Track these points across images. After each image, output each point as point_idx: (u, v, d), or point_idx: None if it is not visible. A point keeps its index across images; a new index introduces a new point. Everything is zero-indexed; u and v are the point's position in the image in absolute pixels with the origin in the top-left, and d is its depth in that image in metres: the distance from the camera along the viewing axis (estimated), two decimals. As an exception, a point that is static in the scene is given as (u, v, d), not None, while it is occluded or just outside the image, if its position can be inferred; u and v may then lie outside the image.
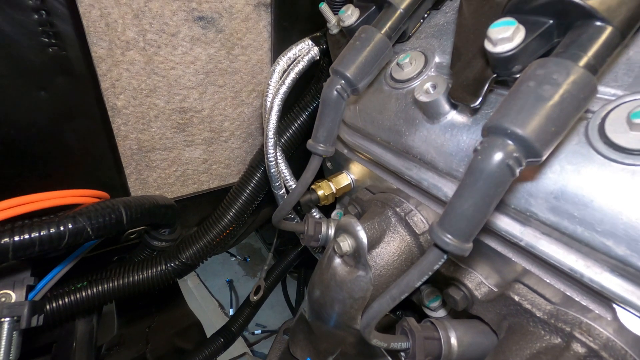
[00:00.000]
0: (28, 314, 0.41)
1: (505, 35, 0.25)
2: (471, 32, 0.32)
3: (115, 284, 0.58)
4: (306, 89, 0.63)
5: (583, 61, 0.22)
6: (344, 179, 0.53)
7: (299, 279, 1.10)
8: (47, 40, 0.43)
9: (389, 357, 0.40)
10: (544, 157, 0.23)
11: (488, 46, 0.27)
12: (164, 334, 0.78)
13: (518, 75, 0.25)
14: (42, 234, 0.39)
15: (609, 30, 0.22)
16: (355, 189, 0.52)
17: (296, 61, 0.56)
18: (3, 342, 0.38)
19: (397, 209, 0.42)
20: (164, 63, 0.53)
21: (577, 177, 0.26)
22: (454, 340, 0.36)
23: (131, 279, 0.59)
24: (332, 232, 0.47)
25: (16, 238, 0.38)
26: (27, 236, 0.38)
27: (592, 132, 0.26)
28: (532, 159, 0.23)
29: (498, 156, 0.22)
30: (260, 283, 0.56)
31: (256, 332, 1.66)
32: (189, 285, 1.83)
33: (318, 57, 0.57)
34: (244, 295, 1.76)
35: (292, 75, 0.56)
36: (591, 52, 0.22)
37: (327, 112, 0.37)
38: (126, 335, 0.78)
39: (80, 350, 0.58)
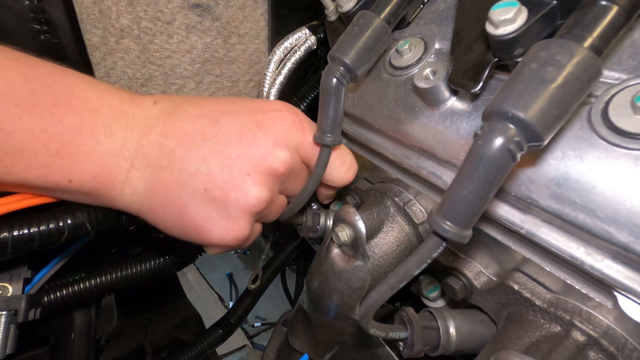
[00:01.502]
0: (25, 307, 0.41)
1: (507, 17, 0.25)
2: (472, 16, 0.31)
3: (114, 276, 0.58)
4: (304, 79, 0.62)
5: (587, 42, 0.21)
6: (343, 170, 0.52)
7: (298, 272, 1.10)
8: (39, 27, 0.42)
9: (388, 347, 0.40)
10: (546, 142, 0.22)
11: (489, 29, 0.26)
12: (163, 325, 0.78)
13: (520, 60, 0.24)
14: (41, 229, 0.38)
15: (614, 9, 0.22)
16: (355, 180, 0.52)
17: (293, 50, 0.56)
18: (0, 336, 0.38)
19: (396, 199, 0.41)
20: (160, 52, 0.52)
21: (579, 163, 0.26)
22: (452, 330, 0.36)
23: (129, 271, 0.59)
24: (330, 223, 0.47)
25: (15, 233, 0.37)
26: (26, 231, 0.38)
27: (595, 117, 0.25)
28: (534, 144, 0.22)
29: (499, 140, 0.22)
30: (258, 271, 0.56)
31: (256, 324, 1.67)
32: (189, 279, 1.83)
33: (315, 47, 0.56)
34: (243, 288, 1.76)
35: (289, 65, 0.55)
36: (596, 32, 0.22)
37: (329, 100, 0.36)
38: (125, 327, 0.78)
39: (79, 341, 0.58)
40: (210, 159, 0.33)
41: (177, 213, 0.33)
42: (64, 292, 0.52)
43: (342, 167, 0.41)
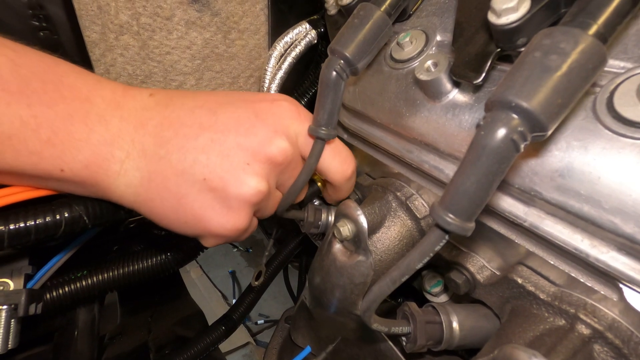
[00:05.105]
0: (26, 301, 0.41)
1: (510, 5, 0.24)
2: (474, 6, 0.31)
3: (116, 273, 0.58)
4: (305, 75, 0.62)
5: (592, 29, 0.21)
6: (344, 165, 0.52)
7: (300, 269, 1.10)
8: (37, 23, 0.42)
9: (390, 342, 0.40)
10: (550, 132, 0.22)
11: (491, 18, 0.26)
12: (166, 323, 0.79)
13: (523, 49, 0.24)
14: (37, 222, 0.38)
15: (619, -4, 0.21)
16: (356, 175, 0.51)
17: (293, 45, 0.55)
18: (1, 330, 0.38)
19: (398, 194, 0.41)
20: (159, 48, 0.52)
21: (584, 154, 0.25)
22: (455, 324, 0.35)
23: (131, 268, 0.59)
24: (332, 218, 0.46)
25: (11, 226, 0.37)
26: (22, 224, 0.37)
27: (599, 107, 0.25)
28: (538, 133, 0.22)
29: (502, 131, 0.21)
30: (261, 268, 0.56)
31: (259, 322, 1.68)
32: (192, 277, 1.84)
33: (316, 41, 0.56)
34: (246, 286, 1.77)
35: (289, 60, 0.55)
36: (601, 19, 0.21)
37: (327, 94, 0.36)
38: (129, 324, 0.79)
39: (82, 338, 0.58)
40: (210, 148, 0.33)
41: (175, 203, 0.33)
42: (66, 289, 0.53)
43: (335, 160, 0.40)
